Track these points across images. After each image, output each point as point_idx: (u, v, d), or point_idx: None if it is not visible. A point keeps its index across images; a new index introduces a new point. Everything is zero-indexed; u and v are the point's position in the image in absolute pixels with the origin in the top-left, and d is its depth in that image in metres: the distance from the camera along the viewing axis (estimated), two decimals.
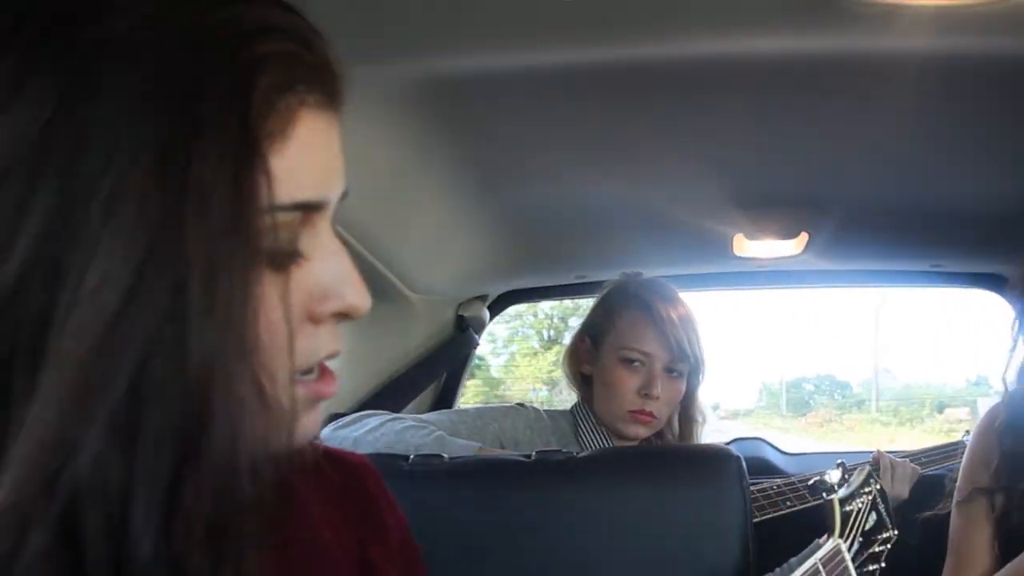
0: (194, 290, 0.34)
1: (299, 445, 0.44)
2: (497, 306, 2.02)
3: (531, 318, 7.70)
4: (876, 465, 1.46)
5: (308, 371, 0.43)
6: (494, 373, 7.90)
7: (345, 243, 0.44)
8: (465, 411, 1.33)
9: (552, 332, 7.55)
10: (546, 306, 7.22)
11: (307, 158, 0.40)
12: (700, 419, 1.46)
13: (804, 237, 1.59)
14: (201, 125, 0.35)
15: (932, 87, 0.99)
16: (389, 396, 1.69)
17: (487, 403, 7.19)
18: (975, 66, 0.94)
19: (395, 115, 1.06)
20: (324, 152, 0.41)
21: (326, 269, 0.42)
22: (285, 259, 0.40)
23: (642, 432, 1.36)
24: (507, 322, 7.59)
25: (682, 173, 1.32)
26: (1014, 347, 1.16)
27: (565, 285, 2.00)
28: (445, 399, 1.96)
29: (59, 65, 0.34)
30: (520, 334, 7.87)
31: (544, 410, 1.40)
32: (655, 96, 1.03)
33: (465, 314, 1.88)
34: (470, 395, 7.09)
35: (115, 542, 0.33)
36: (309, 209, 0.41)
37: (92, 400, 0.33)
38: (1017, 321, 1.16)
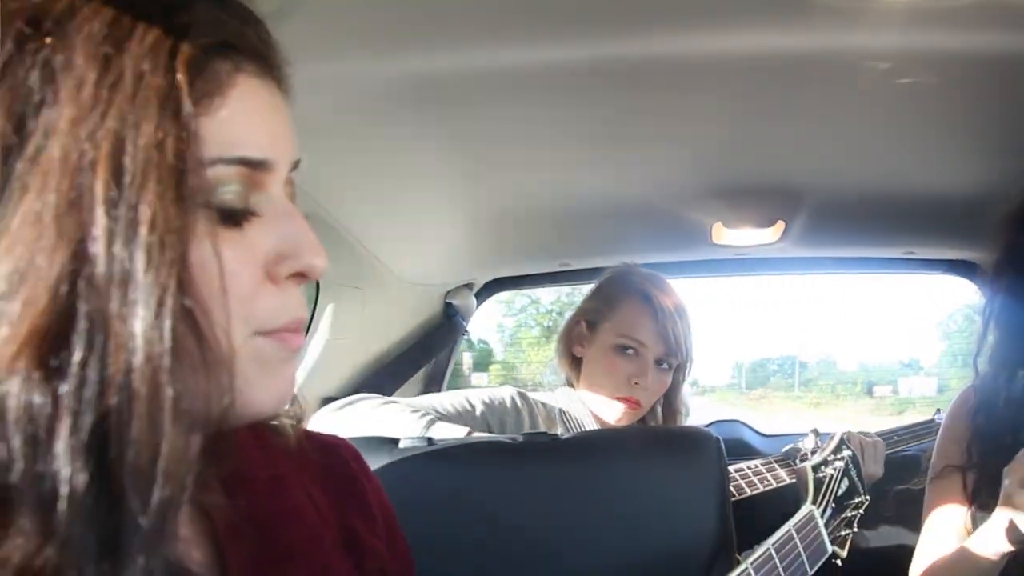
0: (114, 238, 0.36)
1: (275, 406, 0.46)
2: (484, 293, 2.04)
3: (534, 311, 8.22)
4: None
5: (272, 331, 0.45)
6: (508, 359, 8.40)
7: (336, 231, 0.46)
8: (454, 394, 1.35)
9: (551, 324, 7.94)
10: (546, 302, 7.71)
11: (246, 119, 0.43)
12: (684, 411, 1.49)
13: (780, 225, 1.61)
14: (123, 85, 0.38)
15: (904, 79, 1.01)
16: (379, 380, 1.71)
17: (503, 384, 7.48)
18: (945, 59, 0.96)
19: (383, 108, 1.07)
20: (265, 116, 0.44)
21: (280, 230, 0.44)
22: (237, 216, 0.42)
23: (624, 419, 1.39)
24: (514, 315, 8.16)
25: (662, 164, 1.34)
26: (985, 331, 1.18)
27: (550, 273, 2.02)
28: (434, 383, 1.99)
29: (7, 30, 0.37)
30: (524, 325, 8.38)
31: (531, 394, 1.42)
32: (635, 89, 1.05)
33: (453, 301, 1.90)
34: (492, 378, 7.44)
35: (40, 472, 0.34)
36: (253, 167, 0.43)
37: (10, 339, 0.35)
38: (988, 306, 1.19)
